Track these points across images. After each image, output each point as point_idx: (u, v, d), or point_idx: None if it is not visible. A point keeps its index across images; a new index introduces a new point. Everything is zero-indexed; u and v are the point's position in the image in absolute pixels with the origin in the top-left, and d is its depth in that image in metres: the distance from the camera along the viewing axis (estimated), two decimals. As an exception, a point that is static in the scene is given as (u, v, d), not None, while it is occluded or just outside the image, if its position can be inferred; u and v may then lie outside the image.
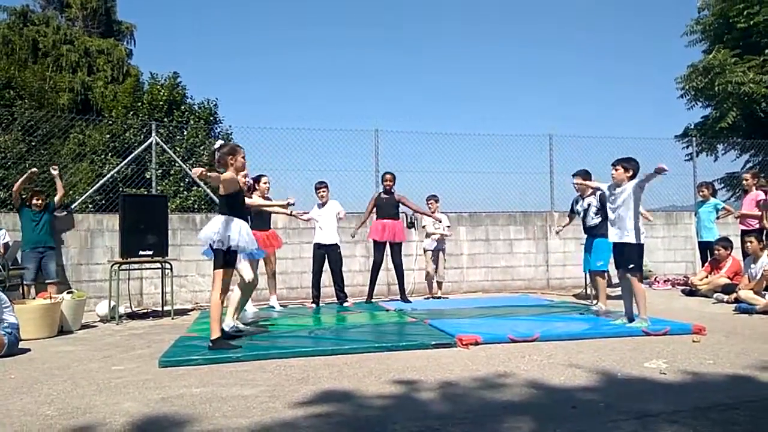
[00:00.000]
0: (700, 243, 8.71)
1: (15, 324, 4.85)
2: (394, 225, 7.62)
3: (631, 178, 5.25)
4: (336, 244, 7.49)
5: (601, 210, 6.21)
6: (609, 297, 6.74)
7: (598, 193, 6.12)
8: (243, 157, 4.82)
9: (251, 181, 6.58)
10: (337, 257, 7.52)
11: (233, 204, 4.70)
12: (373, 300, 7.80)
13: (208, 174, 4.35)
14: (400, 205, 7.77)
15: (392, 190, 7.71)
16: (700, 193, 8.65)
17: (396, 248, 7.66)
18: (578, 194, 6.59)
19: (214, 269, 4.66)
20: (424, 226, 8.49)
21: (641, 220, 5.33)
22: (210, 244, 4.61)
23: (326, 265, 7.57)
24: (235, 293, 5.49)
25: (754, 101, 13.18)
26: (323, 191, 7.50)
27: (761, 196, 7.74)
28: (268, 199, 7.07)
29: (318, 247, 7.50)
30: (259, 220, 6.98)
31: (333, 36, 52.73)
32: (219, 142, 4.97)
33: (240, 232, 4.61)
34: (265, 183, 7.02)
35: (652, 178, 5.04)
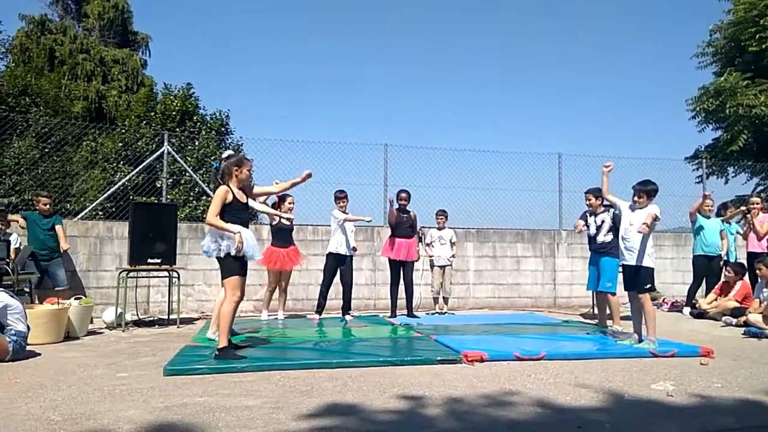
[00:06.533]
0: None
1: (22, 332, 4.80)
2: (409, 244, 7.51)
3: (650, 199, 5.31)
4: (351, 255, 7.44)
5: (613, 228, 6.21)
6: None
7: (611, 210, 6.12)
8: (249, 170, 4.82)
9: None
10: (351, 269, 7.47)
11: (226, 211, 4.60)
12: (379, 314, 7.77)
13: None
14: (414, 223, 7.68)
15: (407, 209, 7.62)
16: (728, 212, 8.41)
17: (409, 266, 7.60)
18: (589, 210, 6.56)
19: (223, 278, 4.68)
20: (429, 244, 8.47)
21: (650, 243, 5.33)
22: (208, 252, 4.63)
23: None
24: (216, 304, 5.35)
25: (765, 124, 13.16)
26: (344, 201, 7.35)
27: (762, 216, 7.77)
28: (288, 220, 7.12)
29: (334, 257, 7.30)
30: (281, 236, 6.99)
31: (345, 49, 53.29)
32: (228, 152, 5.00)
33: None
34: (289, 203, 7.07)
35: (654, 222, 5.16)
